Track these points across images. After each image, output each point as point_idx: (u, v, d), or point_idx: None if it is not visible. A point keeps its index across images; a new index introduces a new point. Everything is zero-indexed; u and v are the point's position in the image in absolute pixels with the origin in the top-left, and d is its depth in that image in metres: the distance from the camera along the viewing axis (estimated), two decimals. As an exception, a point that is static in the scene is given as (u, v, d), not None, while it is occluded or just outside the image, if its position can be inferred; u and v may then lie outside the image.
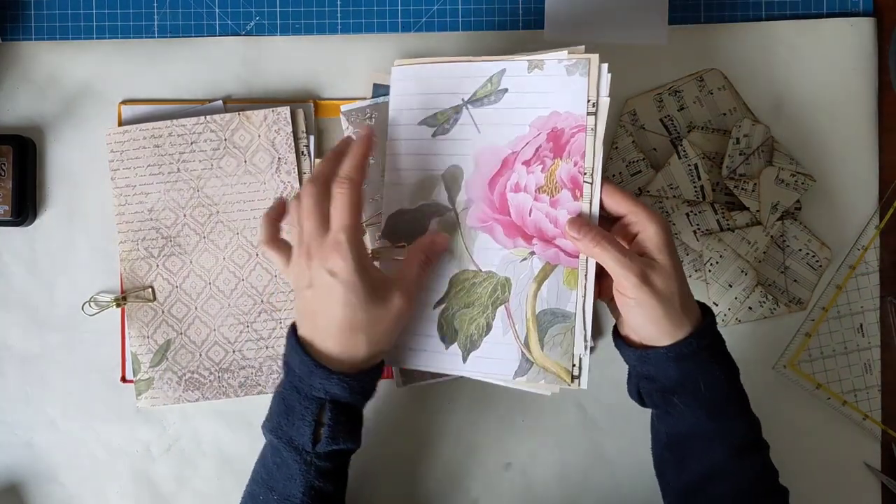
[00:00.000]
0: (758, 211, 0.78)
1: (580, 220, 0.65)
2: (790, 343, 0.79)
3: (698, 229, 0.78)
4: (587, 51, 0.67)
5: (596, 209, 0.66)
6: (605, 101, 0.66)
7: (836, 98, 0.79)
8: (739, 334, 0.79)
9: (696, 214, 0.78)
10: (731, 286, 0.78)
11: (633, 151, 0.79)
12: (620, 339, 0.67)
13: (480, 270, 0.69)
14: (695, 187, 0.78)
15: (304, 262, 0.64)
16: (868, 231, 0.79)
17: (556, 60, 0.67)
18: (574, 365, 0.67)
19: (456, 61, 0.71)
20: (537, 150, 0.68)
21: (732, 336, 0.79)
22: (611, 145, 0.79)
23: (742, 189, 0.77)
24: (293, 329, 0.66)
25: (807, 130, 0.79)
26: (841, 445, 0.79)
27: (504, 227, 0.69)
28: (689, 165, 0.78)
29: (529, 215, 0.68)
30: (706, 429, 0.64)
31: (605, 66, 0.66)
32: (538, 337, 0.67)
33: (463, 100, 0.71)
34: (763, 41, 0.79)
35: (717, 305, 0.78)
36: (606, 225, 0.67)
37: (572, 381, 0.66)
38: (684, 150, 0.78)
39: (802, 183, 0.78)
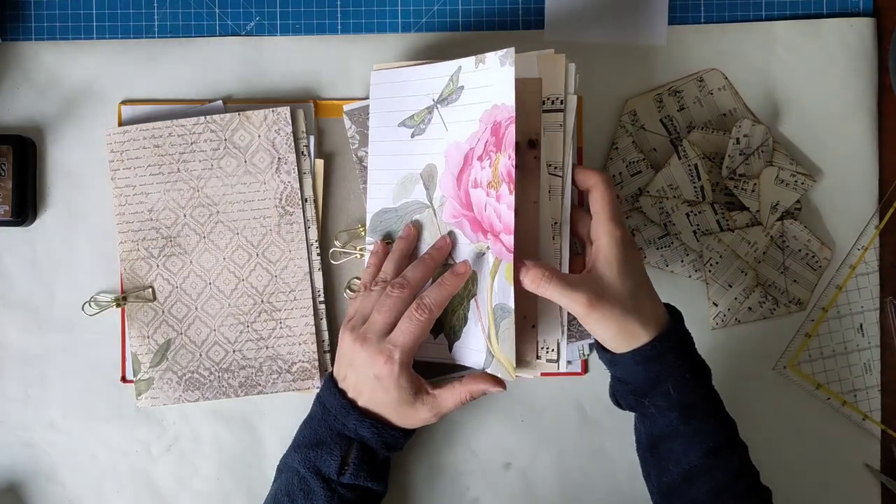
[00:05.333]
0: (758, 211, 0.78)
1: (526, 262, 0.66)
2: (790, 343, 0.79)
3: (698, 229, 0.78)
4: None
5: (567, 203, 0.69)
6: (572, 99, 0.69)
7: (836, 98, 0.79)
8: (739, 334, 0.79)
9: (696, 214, 0.78)
10: (731, 286, 0.78)
11: (633, 152, 0.79)
12: (598, 345, 0.69)
13: (456, 264, 0.71)
14: (695, 187, 0.78)
15: (359, 344, 0.68)
16: (868, 231, 0.79)
17: (493, 54, 0.68)
18: (551, 349, 0.69)
19: (426, 64, 0.73)
20: (486, 145, 0.69)
21: (732, 336, 0.79)
22: (611, 145, 0.79)
23: (742, 189, 0.77)
24: (332, 374, 0.72)
25: (807, 130, 0.79)
26: (841, 445, 0.79)
27: (470, 222, 0.71)
28: (689, 165, 0.78)
29: (485, 211, 0.69)
30: (679, 430, 0.65)
31: (572, 65, 0.69)
32: (495, 330, 0.69)
33: (433, 100, 0.73)
34: (763, 41, 0.79)
35: (717, 305, 0.78)
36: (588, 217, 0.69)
37: (514, 376, 0.68)
38: (684, 151, 0.78)
39: (802, 183, 0.78)
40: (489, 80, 0.69)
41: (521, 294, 0.67)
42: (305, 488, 0.69)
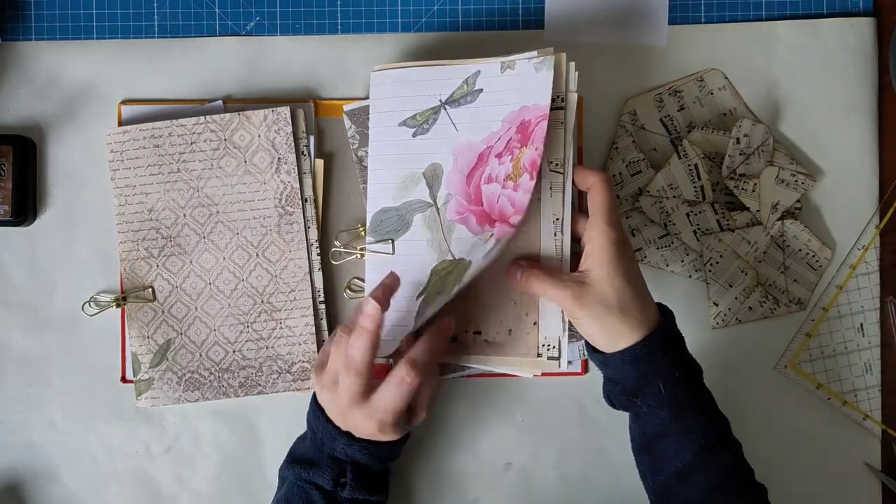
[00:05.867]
0: (758, 211, 0.78)
1: (514, 263, 0.69)
2: (790, 343, 0.79)
3: (698, 229, 0.78)
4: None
5: (568, 199, 0.69)
6: (573, 97, 0.70)
7: (837, 98, 0.79)
8: (740, 334, 0.79)
9: (696, 214, 0.78)
10: (731, 286, 0.78)
11: (633, 151, 0.79)
12: (589, 345, 0.69)
13: (455, 259, 0.72)
14: (695, 187, 0.78)
15: (340, 418, 0.68)
16: (868, 231, 0.79)
17: (525, 60, 0.71)
18: (552, 347, 0.70)
19: (432, 65, 0.74)
20: (508, 142, 0.70)
21: (733, 336, 0.79)
22: (611, 145, 0.79)
23: (742, 189, 0.77)
24: (315, 396, 0.71)
25: (807, 130, 0.79)
26: (841, 445, 0.79)
27: (477, 216, 0.71)
28: (689, 165, 0.78)
29: (497, 202, 0.70)
30: (671, 429, 0.66)
31: (572, 63, 0.70)
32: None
33: (440, 101, 0.74)
34: (763, 41, 0.79)
35: (717, 305, 0.78)
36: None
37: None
38: (684, 150, 0.78)
39: (802, 183, 0.78)
40: (518, 84, 0.70)
41: (523, 292, 0.69)
42: (305, 497, 0.69)
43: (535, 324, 0.70)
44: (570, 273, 0.68)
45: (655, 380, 0.65)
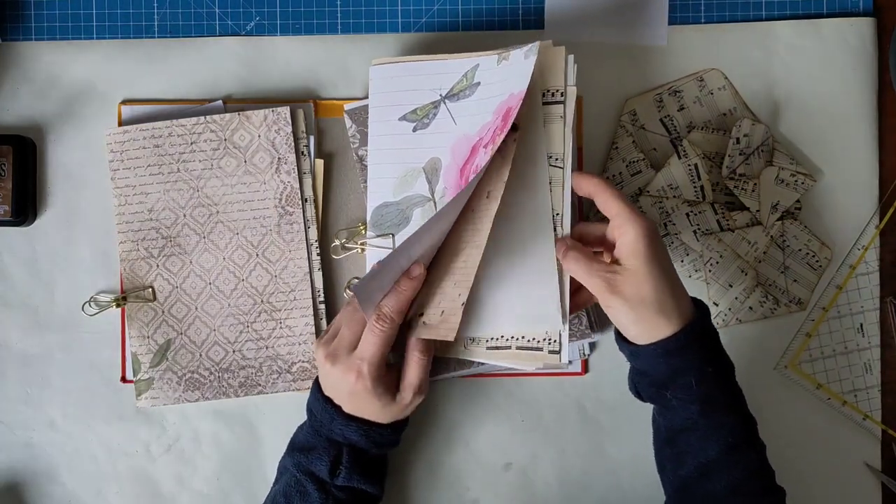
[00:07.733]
0: (758, 211, 0.78)
1: (559, 240, 0.68)
2: (791, 343, 0.79)
3: (698, 229, 0.78)
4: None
5: (568, 194, 0.68)
6: (572, 90, 0.69)
7: (837, 98, 0.79)
8: (739, 334, 0.79)
9: (696, 214, 0.78)
10: (731, 286, 0.78)
11: (633, 151, 0.79)
12: (619, 336, 0.68)
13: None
14: (695, 187, 0.78)
15: (329, 363, 0.69)
16: (868, 231, 0.79)
17: (518, 49, 0.70)
18: (553, 340, 0.68)
19: (432, 59, 0.74)
20: (493, 132, 0.69)
21: (732, 336, 0.79)
22: (611, 145, 0.79)
23: (742, 189, 0.77)
24: (318, 380, 0.72)
25: (807, 130, 0.79)
26: (841, 445, 0.79)
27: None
28: (689, 165, 0.78)
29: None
30: (699, 424, 0.65)
31: (571, 56, 0.69)
32: None
33: (440, 95, 0.73)
34: (763, 41, 0.79)
35: (717, 305, 0.78)
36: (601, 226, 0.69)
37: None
38: (684, 150, 0.78)
39: (802, 183, 0.78)
40: (509, 74, 0.69)
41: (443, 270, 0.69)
42: (301, 490, 0.69)
43: (462, 304, 0.67)
44: (607, 263, 0.66)
45: (688, 374, 0.65)
